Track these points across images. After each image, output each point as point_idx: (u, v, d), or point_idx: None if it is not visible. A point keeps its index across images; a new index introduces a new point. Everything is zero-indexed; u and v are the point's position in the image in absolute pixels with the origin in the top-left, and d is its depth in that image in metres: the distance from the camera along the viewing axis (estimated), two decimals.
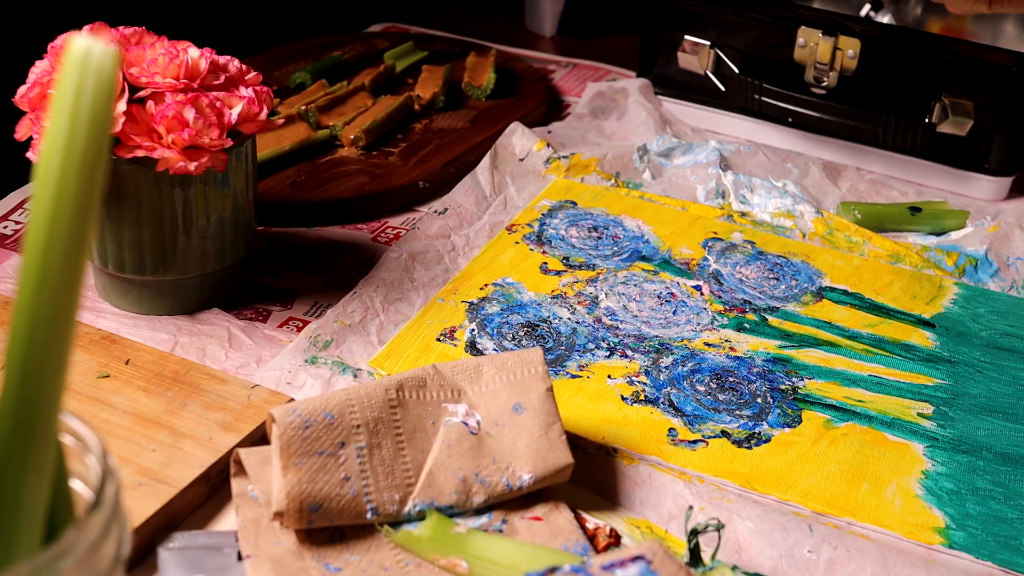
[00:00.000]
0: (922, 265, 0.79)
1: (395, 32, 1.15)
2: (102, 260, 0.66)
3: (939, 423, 0.64)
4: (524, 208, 0.83)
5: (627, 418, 0.63)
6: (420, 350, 0.67)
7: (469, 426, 0.54)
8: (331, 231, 0.80)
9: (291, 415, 0.51)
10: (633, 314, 0.72)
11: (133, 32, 0.65)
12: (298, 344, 0.65)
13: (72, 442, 0.35)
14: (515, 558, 0.49)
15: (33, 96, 0.62)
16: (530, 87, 1.02)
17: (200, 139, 0.61)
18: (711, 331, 0.70)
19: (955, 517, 0.57)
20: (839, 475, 0.60)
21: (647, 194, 0.86)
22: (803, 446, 0.61)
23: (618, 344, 0.69)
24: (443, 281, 0.74)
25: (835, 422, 0.63)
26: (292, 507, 0.50)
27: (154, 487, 0.53)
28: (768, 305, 0.73)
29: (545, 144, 0.88)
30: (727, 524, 0.55)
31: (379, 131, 0.89)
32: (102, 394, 0.59)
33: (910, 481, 0.59)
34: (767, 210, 0.84)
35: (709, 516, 0.55)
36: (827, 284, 0.76)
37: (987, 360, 0.70)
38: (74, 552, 0.31)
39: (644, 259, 0.78)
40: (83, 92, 0.29)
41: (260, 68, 0.98)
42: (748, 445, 0.61)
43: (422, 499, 0.52)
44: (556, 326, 0.70)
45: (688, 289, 0.74)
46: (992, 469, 0.61)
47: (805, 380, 0.67)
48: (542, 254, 0.77)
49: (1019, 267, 0.78)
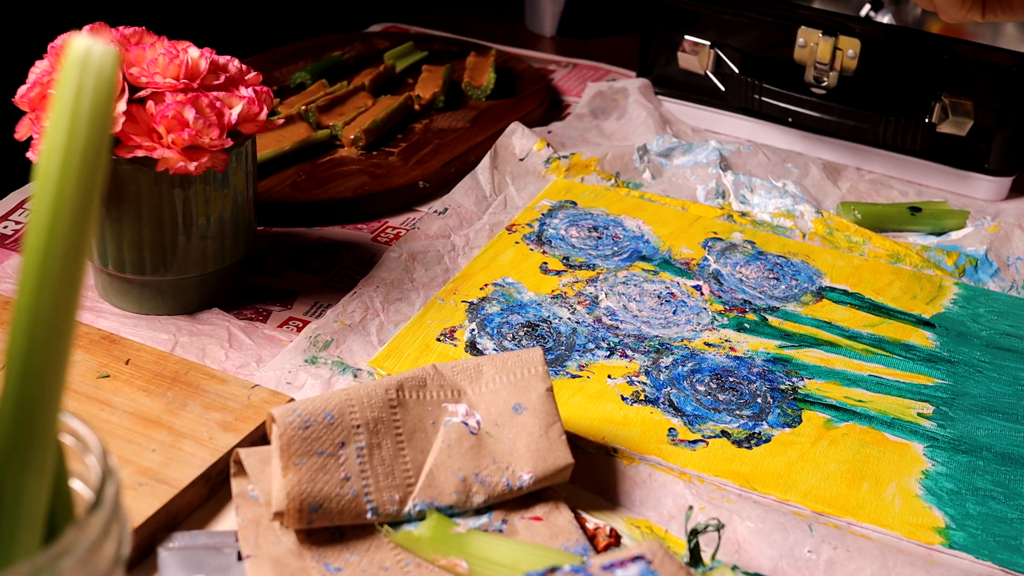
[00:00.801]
0: (922, 265, 0.79)
1: (395, 32, 1.15)
2: (102, 260, 0.66)
3: (939, 423, 0.64)
4: (524, 208, 0.83)
5: (627, 418, 0.63)
6: (420, 350, 0.67)
7: (469, 426, 0.54)
8: (331, 231, 0.80)
9: (291, 415, 0.51)
10: (633, 314, 0.72)
11: (133, 32, 0.65)
12: (298, 344, 0.66)
13: (72, 442, 0.35)
14: (515, 558, 0.49)
15: (33, 96, 0.62)
16: (530, 87, 1.02)
17: (200, 139, 0.61)
18: (711, 331, 0.70)
19: (955, 517, 0.57)
20: (839, 475, 0.60)
21: (647, 194, 0.86)
22: (803, 446, 0.61)
23: (618, 344, 0.69)
24: (443, 281, 0.74)
25: (835, 422, 0.63)
26: (292, 507, 0.50)
27: (154, 487, 0.53)
28: (768, 305, 0.73)
29: (545, 144, 0.88)
30: (727, 524, 0.55)
31: (379, 131, 0.89)
32: (102, 394, 0.59)
33: (910, 481, 0.59)
34: (767, 210, 0.84)
35: (709, 516, 0.55)
36: (827, 284, 0.76)
37: (987, 360, 0.70)
38: (74, 552, 0.31)
39: (644, 259, 0.78)
40: (83, 92, 0.29)
41: (260, 68, 0.98)
42: (748, 445, 0.61)
43: (422, 499, 0.52)
44: (556, 326, 0.70)
45: (688, 289, 0.74)
46: (992, 469, 0.61)
47: (805, 380, 0.67)
48: (542, 254, 0.77)
49: (1019, 267, 0.78)
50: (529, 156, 0.88)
